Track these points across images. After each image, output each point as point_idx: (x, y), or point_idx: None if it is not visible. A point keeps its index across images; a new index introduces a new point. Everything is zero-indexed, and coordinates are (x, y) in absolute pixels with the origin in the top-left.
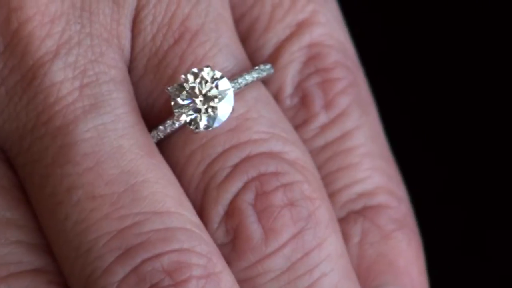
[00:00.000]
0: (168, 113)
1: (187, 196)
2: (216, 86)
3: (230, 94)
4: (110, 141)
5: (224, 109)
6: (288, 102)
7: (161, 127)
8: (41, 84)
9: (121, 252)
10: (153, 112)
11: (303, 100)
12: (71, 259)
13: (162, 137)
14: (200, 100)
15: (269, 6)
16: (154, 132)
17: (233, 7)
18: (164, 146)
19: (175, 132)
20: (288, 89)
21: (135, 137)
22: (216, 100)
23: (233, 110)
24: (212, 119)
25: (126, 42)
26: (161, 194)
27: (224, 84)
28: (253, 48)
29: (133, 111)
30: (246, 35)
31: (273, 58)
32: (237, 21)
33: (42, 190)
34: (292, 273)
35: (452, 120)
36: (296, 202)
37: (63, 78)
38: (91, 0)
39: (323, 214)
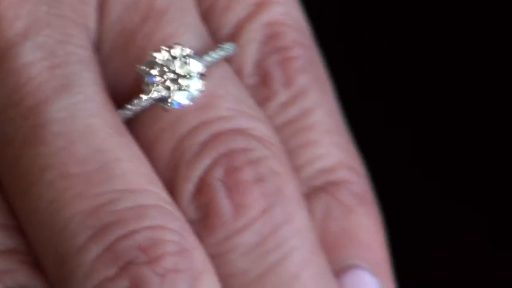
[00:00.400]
0: (135, 92)
1: (156, 174)
2: (187, 63)
3: (201, 71)
4: (82, 120)
5: (195, 86)
6: (248, 80)
7: (129, 106)
8: (11, 66)
9: (95, 230)
10: (120, 92)
11: (263, 78)
12: (45, 238)
13: (130, 115)
14: (171, 78)
15: None
16: (122, 111)
17: None
18: (131, 125)
19: (143, 111)
20: (248, 67)
21: (105, 116)
22: (187, 77)
23: (203, 88)
24: (183, 96)
25: (93, 23)
26: (133, 172)
27: (195, 61)
28: (213, 28)
29: (102, 91)
30: (206, 16)
31: (233, 38)
32: (197, 1)
33: (14, 171)
34: (262, 247)
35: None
36: (264, 178)
37: (32, 59)
38: None
39: (291, 189)
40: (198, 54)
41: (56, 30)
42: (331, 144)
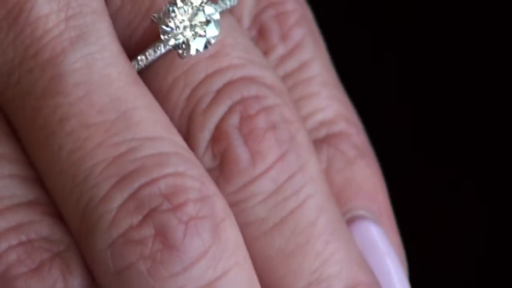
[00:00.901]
0: (147, 43)
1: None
2: (203, 10)
3: (217, 17)
4: (99, 70)
5: (211, 32)
6: (247, 34)
7: (142, 57)
8: (28, 18)
9: (118, 179)
10: (131, 44)
11: (261, 32)
12: (66, 189)
13: (142, 66)
14: (187, 25)
15: None
16: (134, 62)
17: None
18: (144, 76)
19: (156, 61)
20: (246, 22)
21: (121, 65)
22: (204, 24)
23: (218, 35)
24: (200, 43)
25: None
26: (152, 120)
27: (210, 8)
28: None
29: (116, 41)
30: None
31: None
32: None
33: (34, 123)
34: (279, 195)
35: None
36: (278, 125)
37: (49, 11)
38: None
39: (303, 137)
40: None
41: None
42: (329, 97)
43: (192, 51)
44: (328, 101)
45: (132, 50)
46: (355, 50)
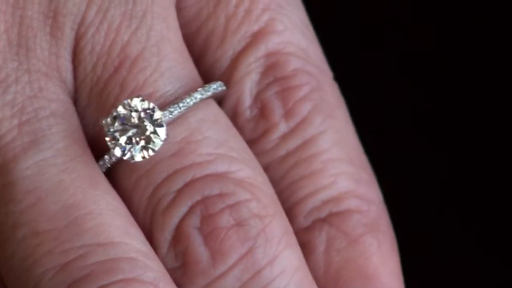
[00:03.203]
0: None
1: (137, 223)
2: (149, 116)
3: (163, 123)
4: (51, 176)
5: (156, 138)
6: (247, 114)
7: (106, 157)
8: None
9: (66, 286)
10: (100, 141)
11: (262, 111)
12: None
13: (109, 166)
14: (133, 132)
15: (223, 18)
16: (101, 162)
17: (188, 22)
18: (112, 174)
19: (121, 160)
20: (247, 101)
21: (77, 170)
22: (148, 130)
23: (166, 138)
24: (146, 149)
25: (68, 74)
26: (105, 225)
27: (157, 113)
28: (211, 61)
29: (75, 143)
30: (204, 49)
31: (230, 71)
32: (193, 35)
33: None
34: None
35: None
36: (243, 222)
37: (1, 117)
38: (28, 36)
39: (275, 230)
40: (176, 98)
41: (26, 86)
42: (336, 174)
43: (137, 158)
44: (333, 178)
45: (102, 148)
46: None
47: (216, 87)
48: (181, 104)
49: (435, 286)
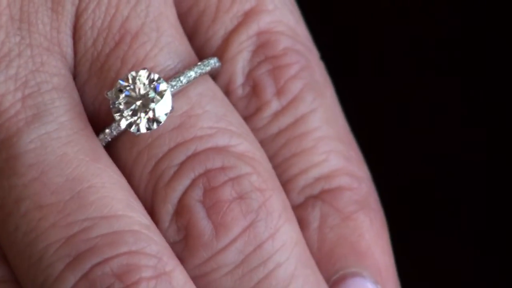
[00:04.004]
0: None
1: (137, 197)
2: (154, 88)
3: (168, 94)
4: (54, 149)
5: (162, 110)
6: (239, 92)
7: (107, 130)
8: None
9: (71, 259)
10: (100, 116)
11: (254, 89)
12: (24, 268)
13: (109, 139)
14: (138, 104)
15: None
16: (101, 135)
17: (179, 2)
18: (112, 148)
19: (122, 134)
20: (239, 79)
21: (79, 143)
22: (153, 102)
23: (172, 110)
24: (151, 121)
25: (68, 49)
26: (108, 198)
27: (162, 85)
28: (202, 41)
29: (77, 117)
30: (195, 28)
31: (222, 50)
32: (185, 15)
33: None
34: (246, 266)
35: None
36: (245, 195)
37: (4, 91)
38: (30, 11)
39: (275, 204)
40: (176, 73)
41: (28, 60)
42: (327, 151)
43: (142, 129)
44: (324, 155)
45: (101, 122)
46: None
47: (214, 62)
48: (182, 78)
49: (425, 262)
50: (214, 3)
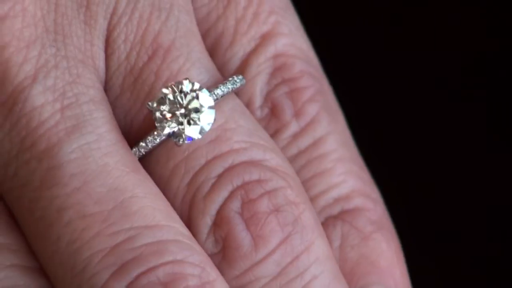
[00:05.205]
0: (147, 129)
1: (173, 210)
2: (197, 98)
3: (211, 104)
4: (95, 160)
5: (206, 120)
6: (258, 113)
7: (142, 144)
8: (23, 109)
9: (116, 268)
10: (132, 130)
11: (273, 110)
12: (67, 279)
13: (143, 153)
14: (182, 113)
15: (233, 21)
16: (135, 149)
17: (197, 24)
18: (146, 162)
19: (156, 147)
20: (258, 100)
21: (119, 154)
22: (197, 111)
23: (214, 120)
24: (195, 130)
25: (101, 63)
26: (150, 208)
27: (204, 95)
28: (220, 63)
29: (114, 129)
30: (212, 51)
31: (240, 71)
32: (202, 37)
33: (32, 214)
34: (283, 277)
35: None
36: (281, 208)
37: (43, 102)
38: (64, 23)
39: (308, 218)
40: (207, 88)
41: (65, 72)
42: (344, 172)
43: (187, 139)
44: (342, 177)
45: (133, 137)
46: None
47: (241, 79)
48: (216, 92)
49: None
50: (232, 25)
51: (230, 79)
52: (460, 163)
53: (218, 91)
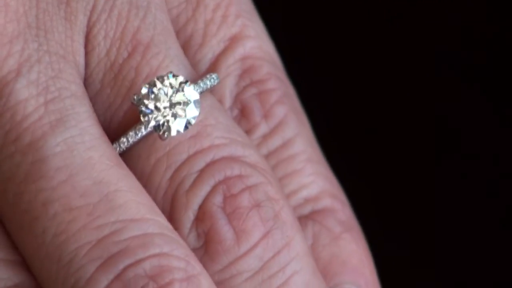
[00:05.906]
0: (128, 125)
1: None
2: (182, 91)
3: (196, 98)
4: (80, 153)
5: (191, 113)
6: (228, 114)
7: (123, 139)
8: (7, 103)
9: (102, 261)
10: (111, 126)
11: (243, 111)
12: (52, 272)
13: (124, 149)
14: (166, 106)
15: (202, 23)
16: (115, 144)
17: None
18: (126, 158)
19: (138, 143)
20: (228, 101)
21: (102, 148)
22: (184, 104)
23: (198, 114)
24: (180, 124)
25: (81, 59)
26: (135, 202)
27: (189, 89)
28: (190, 64)
29: (96, 124)
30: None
31: (210, 72)
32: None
33: (17, 207)
34: (265, 272)
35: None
36: (262, 203)
37: (27, 96)
38: (45, 19)
39: (288, 214)
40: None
41: (48, 66)
42: (313, 173)
43: (173, 132)
44: (312, 177)
45: (113, 133)
46: None
47: (216, 77)
48: (196, 87)
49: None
50: (201, 28)
51: (208, 76)
52: (460, 163)
53: (197, 87)
